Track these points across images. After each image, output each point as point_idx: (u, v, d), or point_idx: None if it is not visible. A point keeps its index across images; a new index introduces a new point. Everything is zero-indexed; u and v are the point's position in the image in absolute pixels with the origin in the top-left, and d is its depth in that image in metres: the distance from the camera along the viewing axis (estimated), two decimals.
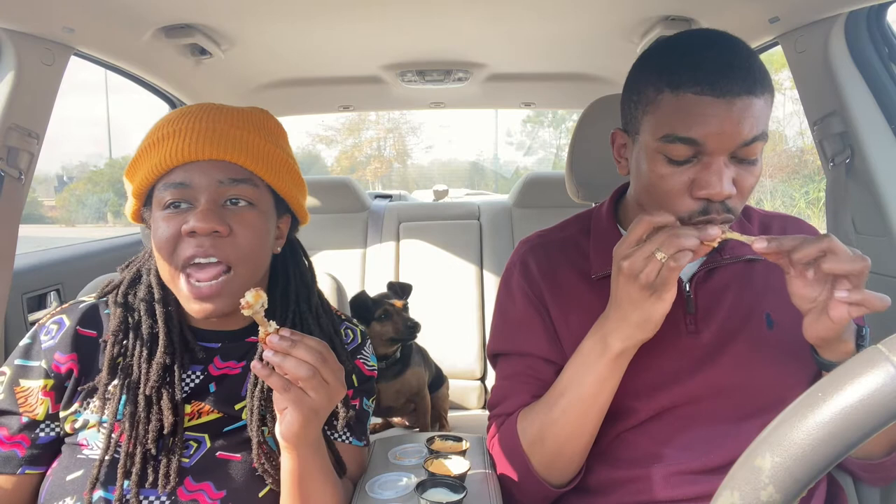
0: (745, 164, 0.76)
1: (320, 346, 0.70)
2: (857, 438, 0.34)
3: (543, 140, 22.77)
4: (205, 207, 0.76)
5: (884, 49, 1.19)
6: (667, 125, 0.76)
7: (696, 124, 0.74)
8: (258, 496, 0.80)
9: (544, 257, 0.96)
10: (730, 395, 0.85)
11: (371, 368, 0.96)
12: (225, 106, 0.84)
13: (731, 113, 0.73)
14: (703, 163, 0.76)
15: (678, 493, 0.84)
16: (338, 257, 2.39)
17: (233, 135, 0.79)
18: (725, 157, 0.75)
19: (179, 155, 0.76)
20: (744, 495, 0.36)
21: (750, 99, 0.73)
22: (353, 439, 0.91)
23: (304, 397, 0.68)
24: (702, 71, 0.74)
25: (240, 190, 0.78)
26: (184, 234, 0.75)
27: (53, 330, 0.82)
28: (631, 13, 1.40)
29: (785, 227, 0.95)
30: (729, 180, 0.75)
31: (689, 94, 0.74)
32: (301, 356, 0.67)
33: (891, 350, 0.34)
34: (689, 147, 0.75)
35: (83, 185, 17.99)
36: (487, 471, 0.95)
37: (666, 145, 0.76)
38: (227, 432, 0.82)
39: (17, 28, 1.14)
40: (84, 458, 0.78)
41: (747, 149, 0.75)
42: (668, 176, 0.78)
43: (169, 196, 0.77)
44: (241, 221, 0.78)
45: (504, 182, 18.79)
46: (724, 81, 0.72)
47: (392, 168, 22.06)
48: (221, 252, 0.76)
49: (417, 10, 1.37)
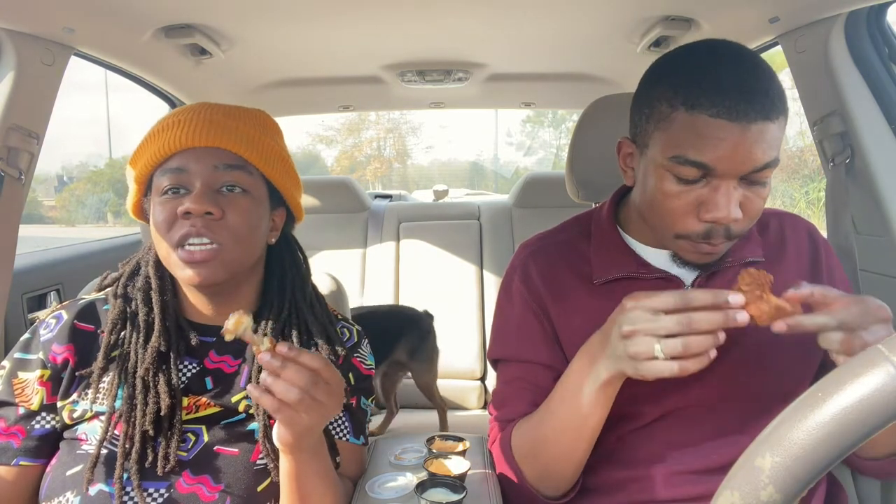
0: (754, 187, 0.75)
1: (316, 362, 0.69)
2: (857, 438, 0.34)
3: (543, 140, 22.77)
4: (199, 191, 0.80)
5: (884, 49, 1.19)
6: (678, 146, 0.74)
7: (708, 147, 0.72)
8: (257, 490, 0.81)
9: (545, 262, 0.94)
10: (734, 397, 0.85)
11: (368, 367, 0.96)
12: (224, 104, 0.88)
13: (745, 138, 0.71)
14: (711, 185, 0.74)
15: (680, 493, 0.84)
16: (338, 257, 2.40)
17: (228, 125, 0.83)
18: (735, 180, 0.74)
19: (177, 142, 0.81)
20: (744, 495, 0.36)
21: (766, 124, 0.71)
22: (351, 438, 0.91)
23: (296, 417, 0.68)
24: (720, 93, 0.71)
25: (234, 176, 0.82)
26: (179, 216, 0.78)
27: (52, 324, 0.84)
28: (631, 13, 1.40)
29: (782, 224, 0.94)
30: (736, 204, 0.74)
31: (704, 115, 0.72)
32: (290, 378, 0.67)
33: (891, 350, 0.34)
34: (698, 169, 0.74)
35: (83, 185, 17.99)
36: (487, 471, 0.95)
37: (675, 165, 0.75)
38: (224, 426, 0.83)
39: (17, 28, 1.14)
40: (83, 454, 0.79)
41: (758, 174, 0.74)
42: (675, 195, 0.76)
43: (167, 181, 0.81)
44: (234, 206, 0.81)
45: (504, 182, 18.80)
46: (743, 106, 0.70)
47: (392, 168, 22.06)
48: (213, 234, 0.79)
49: (418, 10, 1.37)
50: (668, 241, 0.82)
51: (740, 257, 0.88)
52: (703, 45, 0.79)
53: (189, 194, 0.80)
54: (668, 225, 0.78)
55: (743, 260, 0.88)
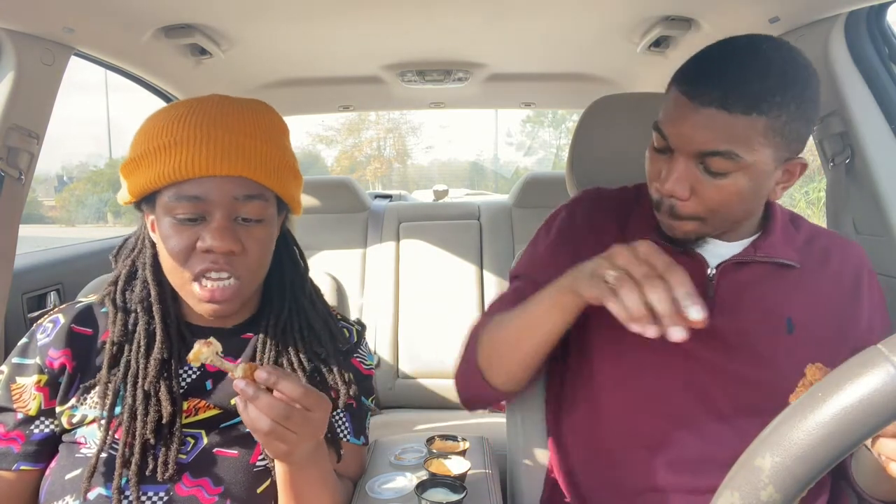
0: (713, 177, 0.77)
1: (295, 391, 0.66)
2: (857, 438, 0.34)
3: (543, 140, 22.76)
4: (221, 225, 0.76)
5: (884, 49, 1.19)
6: (660, 115, 0.81)
7: (669, 119, 0.79)
8: (256, 492, 0.80)
9: (594, 208, 0.98)
10: (737, 386, 0.85)
11: (368, 367, 0.96)
12: (233, 102, 0.82)
13: (695, 119, 0.75)
14: (672, 158, 0.80)
15: (680, 482, 0.84)
16: (338, 257, 2.39)
17: (249, 147, 0.78)
18: (691, 160, 0.77)
19: (196, 168, 0.75)
20: (744, 495, 0.36)
21: (719, 112, 0.73)
22: (351, 438, 0.91)
23: (269, 443, 0.67)
24: (692, 74, 0.77)
25: (253, 207, 0.79)
26: (199, 250, 0.77)
27: (49, 328, 0.83)
28: (631, 13, 1.40)
29: (831, 244, 0.93)
30: (683, 182, 0.78)
31: (678, 91, 0.78)
32: (262, 408, 0.64)
33: (891, 350, 0.34)
34: (663, 139, 0.80)
35: (83, 185, 17.98)
36: (487, 471, 0.95)
37: (653, 132, 0.82)
38: (223, 428, 0.82)
39: (17, 28, 1.14)
40: (82, 457, 0.78)
41: (710, 159, 0.76)
42: (650, 161, 0.84)
43: (182, 210, 0.77)
44: (253, 239, 0.79)
45: (504, 182, 18.78)
46: (701, 89, 0.75)
47: (392, 168, 22.05)
48: (233, 268, 0.78)
49: (418, 10, 1.37)
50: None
51: (772, 255, 0.87)
52: (736, 39, 0.80)
53: (206, 224, 0.77)
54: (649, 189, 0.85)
55: (774, 258, 0.87)
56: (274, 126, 0.84)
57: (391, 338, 2.26)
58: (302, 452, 0.72)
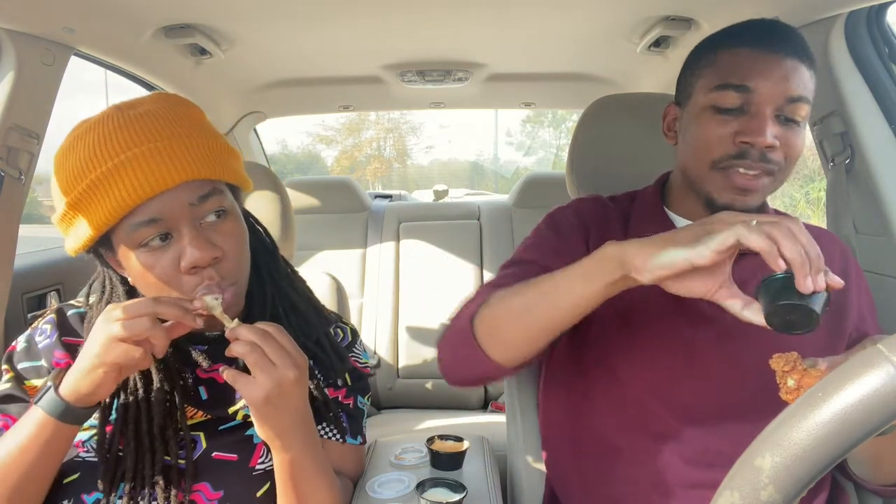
0: (790, 126, 0.80)
1: (270, 327, 0.71)
2: (857, 438, 0.34)
3: (543, 140, 22.74)
4: (192, 236, 0.73)
5: (884, 49, 1.19)
6: (721, 77, 0.82)
7: (749, 73, 0.80)
8: (256, 496, 0.80)
9: (597, 208, 0.98)
10: (742, 378, 0.85)
11: (364, 366, 0.96)
12: (137, 108, 0.76)
13: (781, 67, 0.79)
14: (749, 113, 0.80)
15: (683, 476, 0.84)
16: (337, 257, 2.39)
17: (180, 148, 0.73)
18: (772, 111, 0.79)
19: (147, 187, 0.70)
20: (744, 495, 0.36)
21: (799, 63, 0.79)
22: (349, 438, 0.91)
23: (250, 383, 0.68)
24: (757, 32, 0.82)
25: (211, 204, 0.76)
26: (184, 271, 0.74)
27: (48, 329, 0.83)
28: (631, 13, 1.40)
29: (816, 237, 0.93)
30: (773, 132, 0.79)
31: (745, 48, 0.81)
32: (243, 335, 0.69)
33: (891, 350, 0.34)
34: (739, 95, 0.80)
35: None
36: (487, 471, 0.95)
37: (718, 94, 0.81)
38: (222, 431, 0.82)
39: (17, 28, 1.14)
40: (80, 461, 0.78)
41: (793, 106, 0.79)
42: (714, 127, 0.82)
43: (147, 235, 0.73)
44: (225, 235, 0.77)
45: (504, 182, 18.77)
46: (777, 41, 0.80)
47: (392, 168, 22.04)
48: (223, 276, 0.76)
49: (418, 10, 1.38)
50: (705, 181, 0.84)
51: None
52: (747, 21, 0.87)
53: (173, 240, 0.74)
54: (705, 156, 0.83)
55: None
56: (191, 115, 0.79)
57: (391, 338, 2.26)
58: (291, 422, 0.71)
